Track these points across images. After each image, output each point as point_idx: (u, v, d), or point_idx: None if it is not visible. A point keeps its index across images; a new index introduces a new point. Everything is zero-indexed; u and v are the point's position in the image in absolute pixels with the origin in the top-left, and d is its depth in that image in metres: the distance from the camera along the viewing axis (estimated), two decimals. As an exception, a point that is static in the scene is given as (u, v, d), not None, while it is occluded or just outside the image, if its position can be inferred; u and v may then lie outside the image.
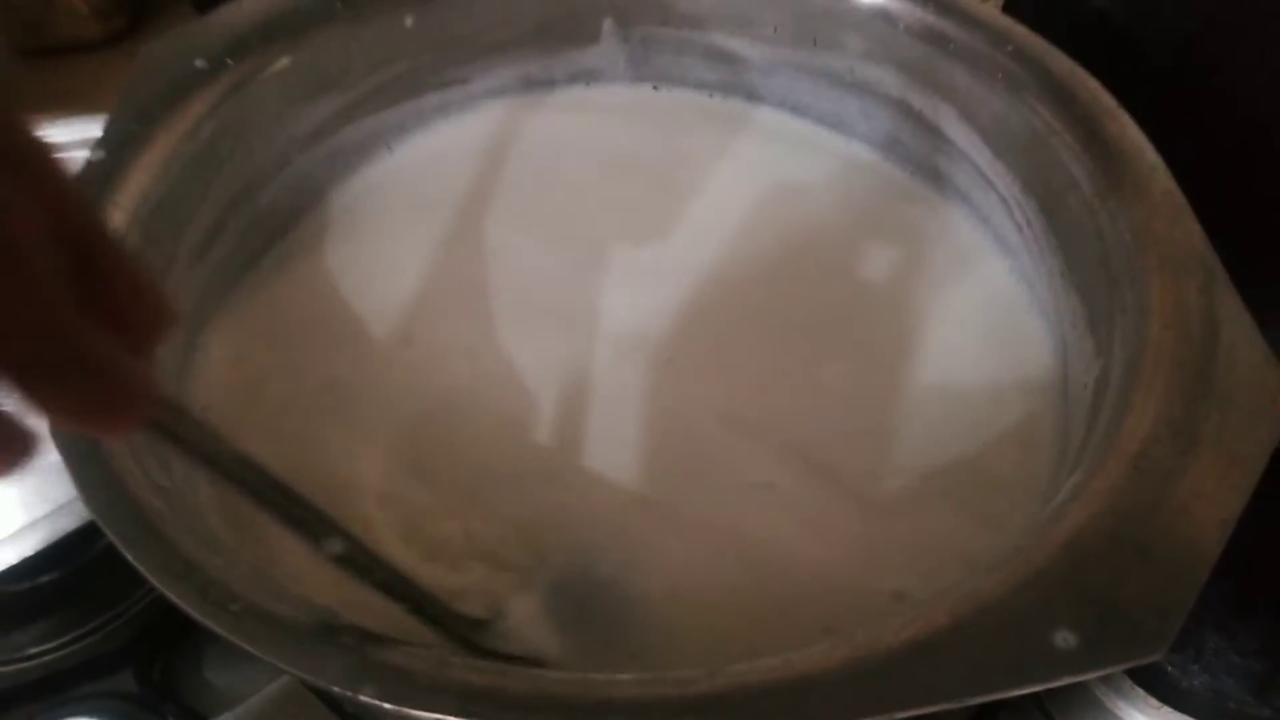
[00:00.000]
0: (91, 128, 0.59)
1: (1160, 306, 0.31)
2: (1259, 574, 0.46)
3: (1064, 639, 0.24)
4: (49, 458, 0.42)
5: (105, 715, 0.44)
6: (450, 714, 0.23)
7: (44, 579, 0.46)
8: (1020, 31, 0.41)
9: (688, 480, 0.37)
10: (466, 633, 0.30)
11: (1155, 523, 0.26)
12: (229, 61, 0.41)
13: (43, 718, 0.44)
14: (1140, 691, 0.44)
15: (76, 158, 0.60)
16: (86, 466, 0.28)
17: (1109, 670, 0.24)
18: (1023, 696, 0.44)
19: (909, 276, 0.44)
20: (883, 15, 0.43)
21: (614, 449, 0.38)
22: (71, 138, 0.60)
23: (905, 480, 0.36)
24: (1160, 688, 0.44)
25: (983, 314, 0.42)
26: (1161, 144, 0.38)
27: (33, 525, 0.43)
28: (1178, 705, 0.44)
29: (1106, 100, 0.38)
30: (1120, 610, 0.24)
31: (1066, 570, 0.25)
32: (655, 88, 0.50)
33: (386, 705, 0.23)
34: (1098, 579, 0.25)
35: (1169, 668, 0.43)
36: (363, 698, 0.23)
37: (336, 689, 0.24)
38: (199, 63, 0.40)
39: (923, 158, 0.46)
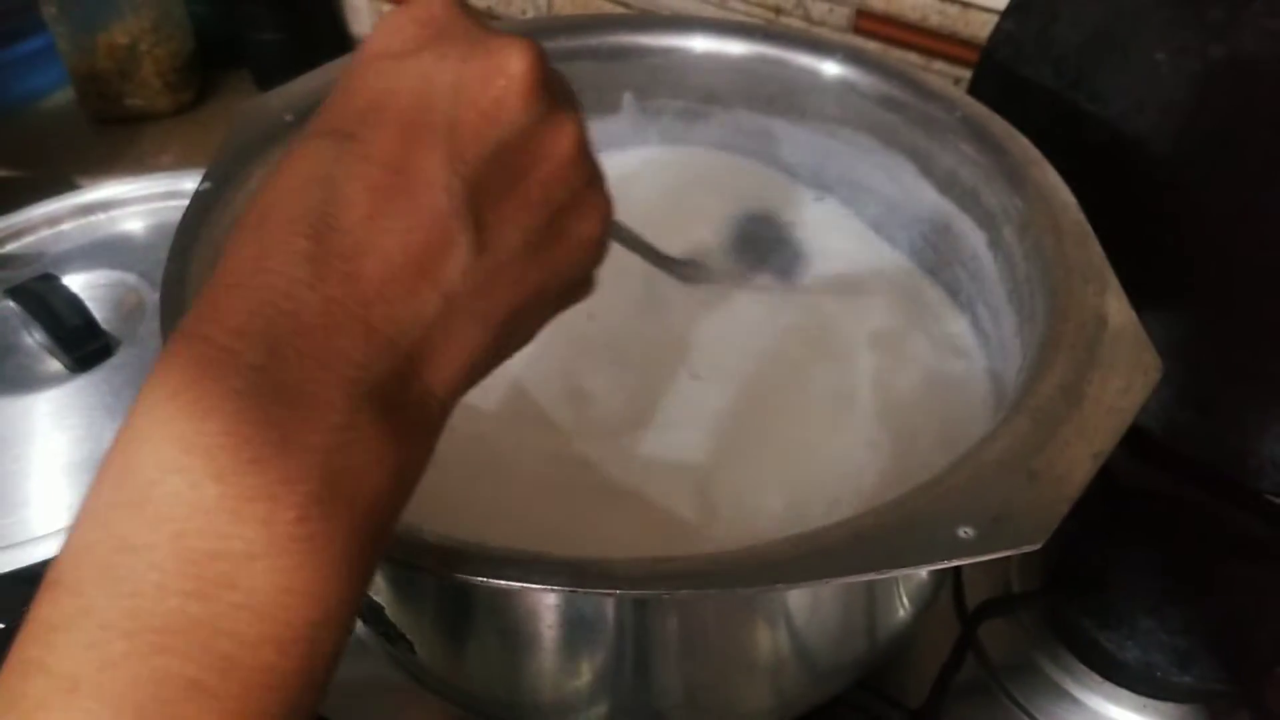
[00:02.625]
0: (164, 184, 0.68)
1: (1064, 306, 0.39)
2: (1181, 569, 0.52)
3: (965, 532, 0.31)
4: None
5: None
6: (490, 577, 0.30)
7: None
8: (966, 100, 0.49)
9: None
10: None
11: (1043, 455, 0.33)
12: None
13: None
14: (1084, 668, 0.50)
15: (155, 208, 0.70)
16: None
17: (998, 555, 0.30)
18: (984, 677, 0.50)
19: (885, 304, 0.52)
20: (854, 88, 0.52)
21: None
22: (149, 192, 0.69)
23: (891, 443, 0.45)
24: (1100, 664, 0.50)
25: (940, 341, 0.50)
26: (1092, 192, 0.45)
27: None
28: (1115, 678, 0.50)
29: (1033, 152, 0.46)
30: (1010, 514, 0.31)
31: (972, 487, 0.32)
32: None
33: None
34: (995, 492, 0.32)
35: (1107, 645, 0.49)
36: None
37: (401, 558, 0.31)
38: (287, 116, 0.49)
39: (896, 208, 0.55)
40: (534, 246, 0.26)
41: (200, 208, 0.44)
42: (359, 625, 0.42)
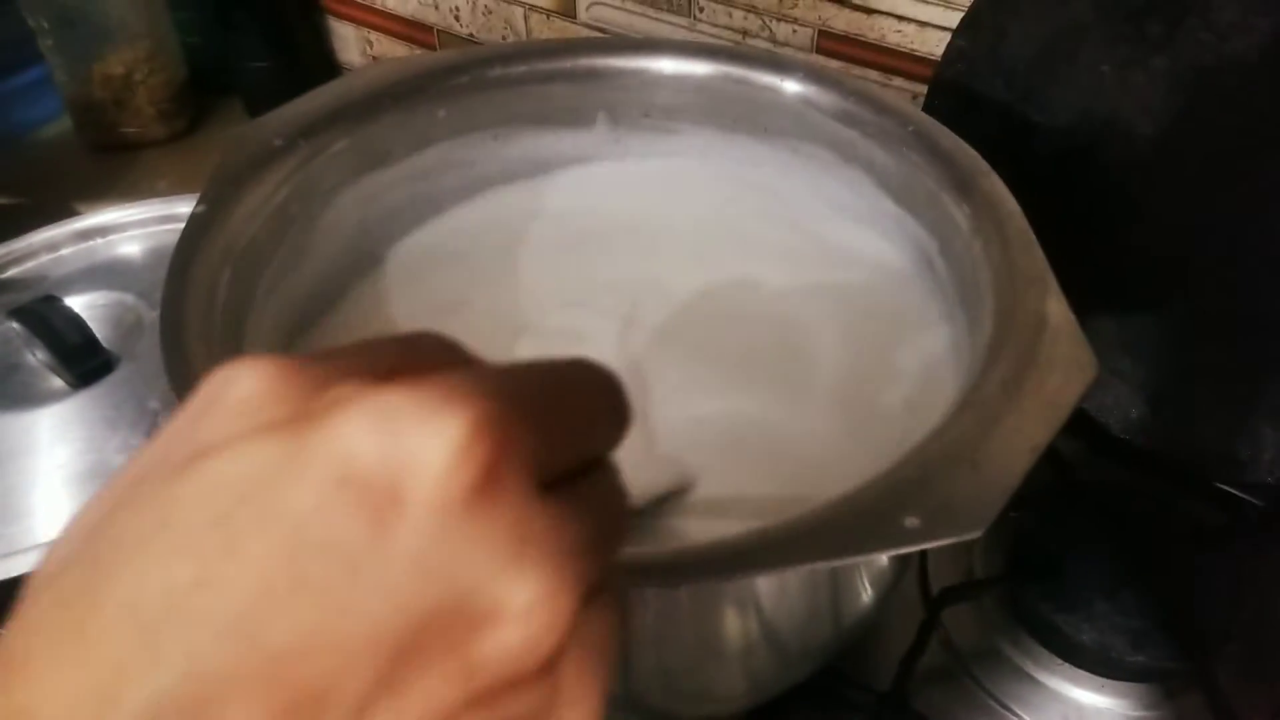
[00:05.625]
0: (159, 209, 0.71)
1: (1008, 309, 0.42)
2: (1135, 555, 0.55)
3: (910, 521, 0.33)
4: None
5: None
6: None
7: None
8: (917, 114, 0.52)
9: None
10: None
11: (984, 448, 0.35)
12: (300, 141, 0.52)
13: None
14: (1043, 650, 0.53)
15: (151, 232, 0.72)
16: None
17: (941, 543, 0.33)
18: (948, 661, 0.52)
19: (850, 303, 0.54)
20: (813, 105, 0.55)
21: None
22: (145, 216, 0.71)
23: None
24: (1059, 646, 0.53)
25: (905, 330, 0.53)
26: (1044, 200, 0.48)
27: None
28: (1073, 660, 0.52)
29: (980, 164, 0.48)
30: (953, 504, 0.34)
31: (918, 479, 0.35)
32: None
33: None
34: (939, 484, 0.34)
35: (1065, 628, 0.52)
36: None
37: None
38: (277, 141, 0.51)
39: (858, 217, 0.57)
40: None
41: (196, 229, 0.47)
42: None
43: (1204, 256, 0.57)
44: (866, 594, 0.45)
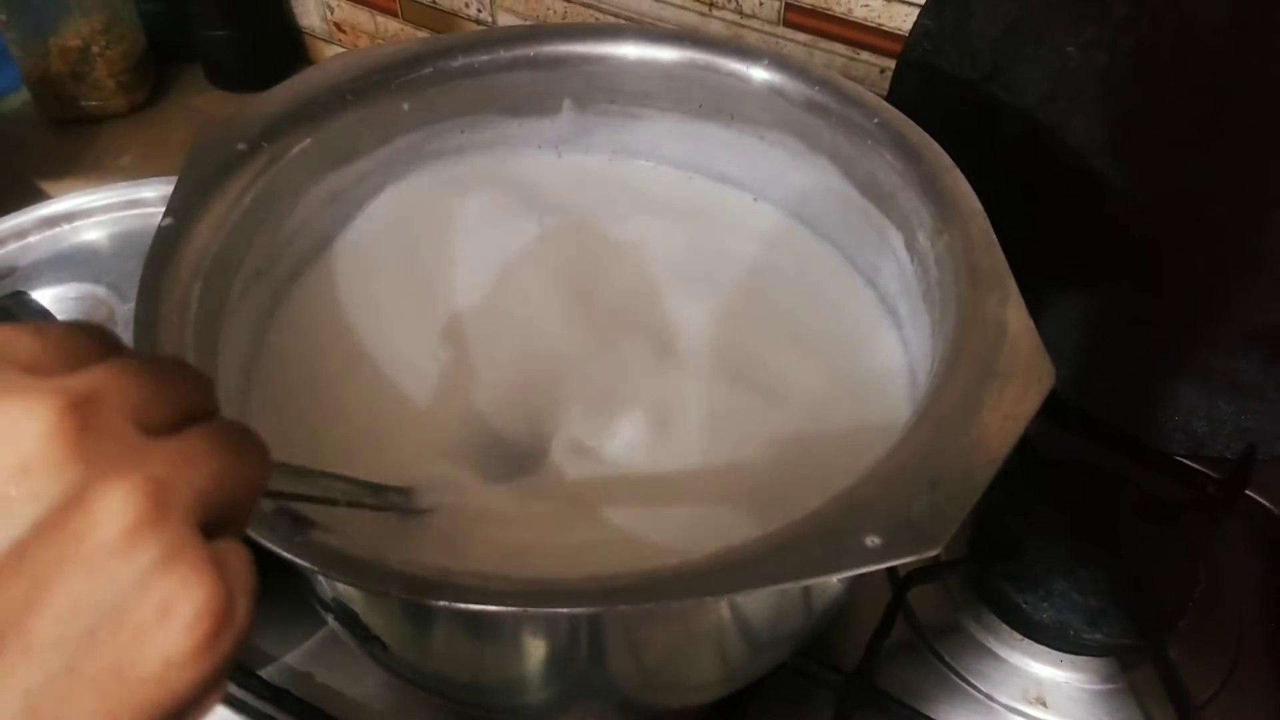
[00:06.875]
0: (124, 193, 0.70)
1: (969, 315, 0.42)
2: (1092, 533, 0.56)
3: (871, 540, 0.34)
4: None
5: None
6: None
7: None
8: (884, 106, 0.52)
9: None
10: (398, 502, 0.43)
11: (942, 463, 0.37)
12: (263, 144, 0.51)
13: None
14: (1005, 628, 0.55)
15: (118, 218, 0.72)
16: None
17: (901, 561, 0.34)
18: (914, 639, 0.54)
19: (809, 301, 0.55)
20: (779, 92, 0.55)
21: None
22: (111, 201, 0.71)
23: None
24: (1020, 623, 0.55)
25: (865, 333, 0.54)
26: (1009, 179, 0.48)
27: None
28: (1033, 636, 0.54)
29: (945, 160, 0.49)
30: (912, 521, 0.35)
31: (877, 496, 0.36)
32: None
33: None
34: (899, 502, 0.35)
35: (1026, 606, 0.54)
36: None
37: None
38: (240, 145, 0.51)
39: (818, 213, 0.58)
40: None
41: (164, 243, 0.46)
42: (334, 623, 0.46)
43: (1164, 235, 0.57)
44: (838, 583, 0.46)
